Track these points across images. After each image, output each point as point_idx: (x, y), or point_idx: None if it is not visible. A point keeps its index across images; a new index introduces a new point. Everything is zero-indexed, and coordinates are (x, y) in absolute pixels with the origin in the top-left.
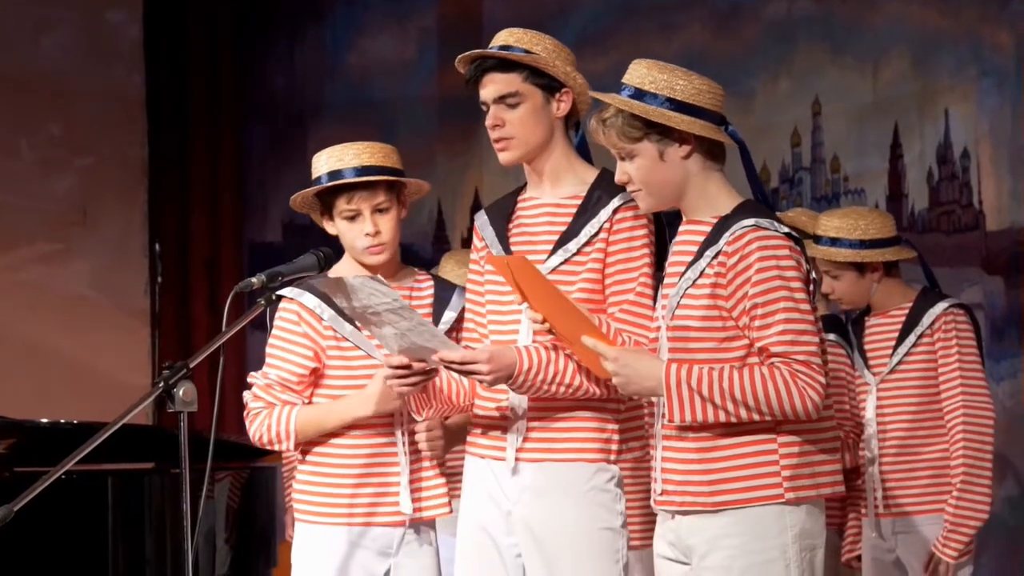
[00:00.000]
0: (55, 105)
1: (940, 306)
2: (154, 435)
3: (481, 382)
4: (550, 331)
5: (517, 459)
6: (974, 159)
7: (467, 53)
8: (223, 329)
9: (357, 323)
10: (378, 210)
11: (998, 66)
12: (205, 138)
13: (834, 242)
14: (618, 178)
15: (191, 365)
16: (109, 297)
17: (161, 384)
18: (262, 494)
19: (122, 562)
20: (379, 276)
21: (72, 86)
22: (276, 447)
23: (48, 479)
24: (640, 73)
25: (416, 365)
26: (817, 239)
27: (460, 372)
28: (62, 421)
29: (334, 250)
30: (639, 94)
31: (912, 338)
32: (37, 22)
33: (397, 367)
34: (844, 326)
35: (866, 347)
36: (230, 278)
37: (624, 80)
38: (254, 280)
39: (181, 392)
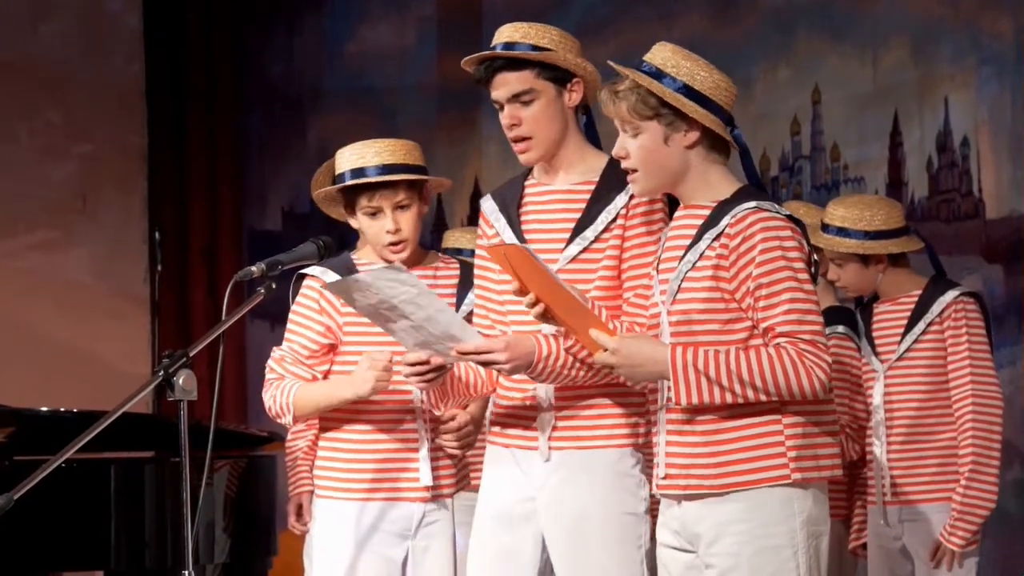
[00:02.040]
0: (54, 93)
1: (950, 294)
2: (154, 423)
3: (500, 371)
4: (544, 316)
5: (549, 448)
6: (974, 147)
7: (475, 55)
8: (223, 317)
9: (370, 321)
10: (399, 207)
11: (998, 54)
12: (204, 126)
13: (840, 231)
14: (616, 151)
15: (191, 353)
16: (108, 285)
17: (161, 372)
18: (262, 482)
19: (124, 550)
20: (397, 263)
21: (71, 74)
22: (279, 419)
23: (48, 467)
24: (664, 55)
25: (433, 360)
26: (824, 227)
27: (478, 362)
28: (62, 409)
29: (334, 239)
30: (659, 74)
31: (921, 325)
32: (36, 9)
33: (415, 363)
34: (853, 316)
35: (874, 334)
36: (229, 266)
37: (646, 58)
38: (254, 268)
39: (181, 380)
